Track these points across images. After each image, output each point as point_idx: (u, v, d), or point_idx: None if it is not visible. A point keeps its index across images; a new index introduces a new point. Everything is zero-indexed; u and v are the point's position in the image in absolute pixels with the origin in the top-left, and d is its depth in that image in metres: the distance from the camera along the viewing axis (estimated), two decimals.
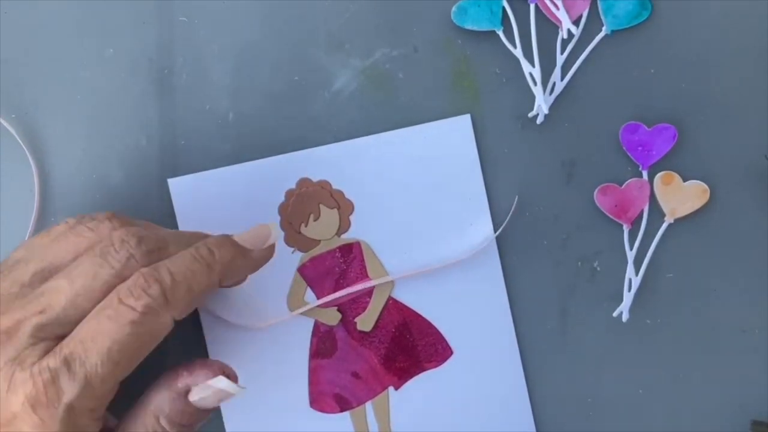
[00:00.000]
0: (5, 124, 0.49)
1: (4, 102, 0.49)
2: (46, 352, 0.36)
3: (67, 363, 0.36)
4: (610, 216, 0.50)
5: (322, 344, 0.50)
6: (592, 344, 0.50)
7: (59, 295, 0.37)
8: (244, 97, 0.50)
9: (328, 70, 0.50)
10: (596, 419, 0.51)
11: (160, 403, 0.40)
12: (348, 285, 0.50)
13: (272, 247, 0.44)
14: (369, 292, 0.50)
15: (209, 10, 0.50)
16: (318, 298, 0.49)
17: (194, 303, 0.40)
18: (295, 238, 0.49)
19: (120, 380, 0.38)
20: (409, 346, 0.50)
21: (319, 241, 0.50)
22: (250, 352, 0.49)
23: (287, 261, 0.49)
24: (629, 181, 0.50)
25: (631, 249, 0.50)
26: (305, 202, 0.49)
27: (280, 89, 0.50)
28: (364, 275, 0.50)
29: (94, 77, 0.50)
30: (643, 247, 0.50)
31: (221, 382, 0.41)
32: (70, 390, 0.36)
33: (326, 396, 0.50)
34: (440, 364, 0.50)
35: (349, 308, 0.50)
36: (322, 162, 0.49)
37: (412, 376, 0.50)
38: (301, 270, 0.49)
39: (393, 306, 0.50)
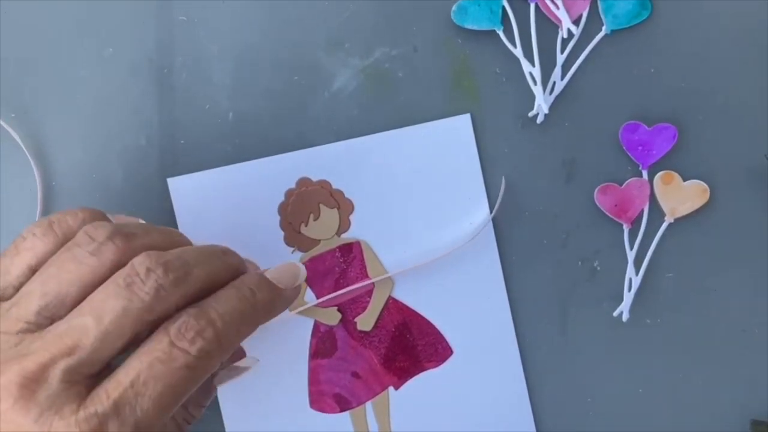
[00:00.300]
0: (6, 126, 0.49)
1: (4, 102, 0.49)
2: (81, 396, 0.34)
3: (117, 408, 0.34)
4: (610, 215, 0.50)
5: (322, 344, 0.50)
6: (592, 344, 0.50)
7: (87, 334, 0.34)
8: (244, 96, 0.50)
9: (327, 69, 0.50)
10: (596, 419, 0.51)
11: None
12: (348, 285, 0.50)
13: (300, 287, 0.42)
14: (369, 292, 0.50)
15: (209, 10, 0.50)
16: (318, 298, 0.50)
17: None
18: (295, 238, 0.49)
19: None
20: (409, 345, 0.50)
21: (319, 240, 0.50)
22: (249, 351, 0.49)
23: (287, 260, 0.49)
24: (629, 180, 0.50)
25: (631, 249, 0.50)
26: (305, 201, 0.49)
27: (280, 89, 0.50)
28: (364, 275, 0.50)
29: (94, 77, 0.50)
30: (644, 246, 0.50)
31: (246, 362, 0.41)
32: None
33: (326, 396, 0.50)
34: (440, 364, 0.50)
35: (349, 308, 0.50)
36: (322, 161, 0.49)
37: (412, 376, 0.50)
38: None
39: (393, 306, 0.50)
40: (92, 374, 0.35)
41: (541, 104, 0.49)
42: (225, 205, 0.49)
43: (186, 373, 0.35)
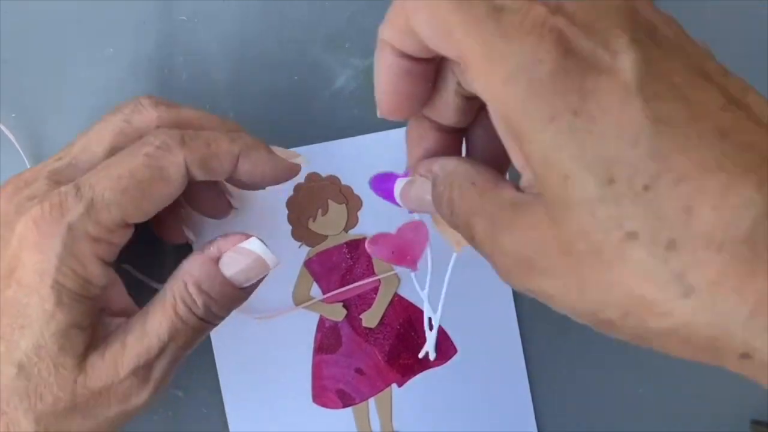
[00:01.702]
0: (3, 128, 0.49)
1: (4, 102, 0.49)
2: None
3: (77, 187, 0.36)
4: None
5: (327, 339, 0.50)
6: (592, 344, 0.50)
7: (74, 145, 0.39)
8: (245, 96, 0.50)
9: (328, 69, 0.50)
10: (597, 419, 0.51)
11: (189, 267, 0.39)
12: (354, 281, 0.50)
13: (298, 166, 0.43)
14: (375, 289, 0.50)
15: (209, 9, 0.50)
16: (324, 293, 0.50)
17: (212, 166, 0.39)
18: (302, 233, 0.49)
19: (128, 220, 0.37)
20: (413, 343, 0.50)
21: (327, 236, 0.50)
22: (254, 345, 0.49)
23: (294, 255, 0.49)
24: None
25: None
26: (314, 196, 0.49)
27: (281, 89, 0.50)
28: (370, 272, 0.50)
29: (94, 77, 0.50)
30: None
31: (253, 243, 0.39)
32: (74, 209, 0.36)
33: (329, 391, 0.50)
34: (444, 363, 0.50)
35: (355, 304, 0.50)
36: (331, 157, 0.49)
37: (415, 374, 0.50)
38: (308, 264, 0.49)
39: (398, 303, 0.50)
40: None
41: None
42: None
43: (144, 161, 0.37)
